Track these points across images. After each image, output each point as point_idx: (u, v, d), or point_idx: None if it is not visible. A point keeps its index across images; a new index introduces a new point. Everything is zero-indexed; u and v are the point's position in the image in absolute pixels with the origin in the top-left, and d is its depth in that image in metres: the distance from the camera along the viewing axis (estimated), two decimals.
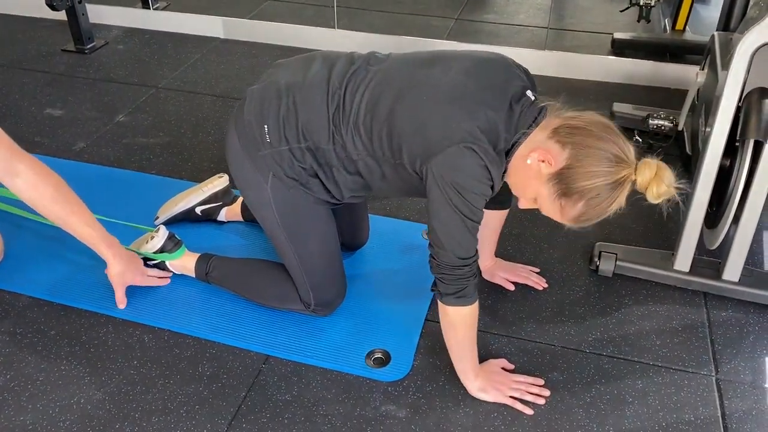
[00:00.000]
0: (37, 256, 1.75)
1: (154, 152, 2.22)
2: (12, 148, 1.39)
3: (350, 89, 1.32)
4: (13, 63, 2.80)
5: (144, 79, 2.68)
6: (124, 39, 3.02)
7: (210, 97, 2.56)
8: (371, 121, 1.30)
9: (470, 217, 1.24)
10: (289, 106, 1.36)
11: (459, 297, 1.30)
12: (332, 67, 1.36)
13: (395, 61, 1.37)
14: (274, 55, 2.87)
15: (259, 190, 1.43)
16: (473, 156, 1.20)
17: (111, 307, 1.60)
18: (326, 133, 1.34)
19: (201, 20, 3.06)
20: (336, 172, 1.40)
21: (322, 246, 1.52)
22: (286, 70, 1.43)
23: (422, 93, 1.27)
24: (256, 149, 1.39)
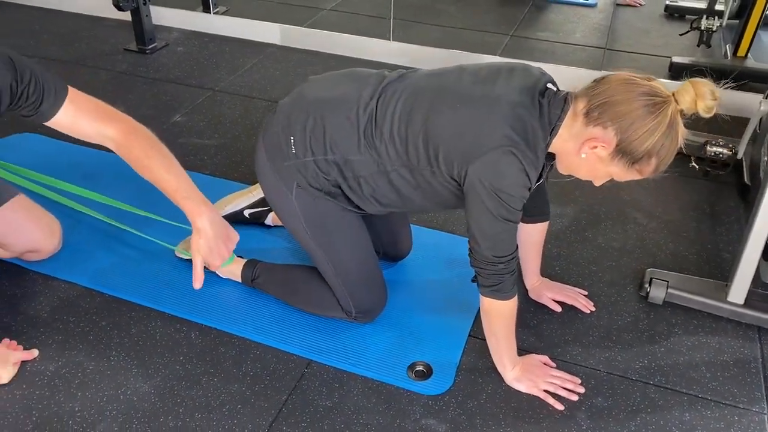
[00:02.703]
0: (93, 249, 1.81)
1: (208, 153, 2.27)
2: (97, 115, 1.41)
3: (383, 101, 1.35)
4: (78, 60, 2.90)
5: (201, 81, 2.74)
6: (184, 41, 3.10)
7: (264, 102, 2.60)
8: (406, 129, 1.32)
9: (508, 219, 1.26)
10: (316, 120, 1.39)
11: (495, 290, 1.34)
12: (363, 83, 1.40)
13: (424, 74, 1.40)
14: (328, 64, 2.90)
15: (285, 200, 1.46)
16: (513, 160, 1.22)
17: (161, 302, 1.64)
18: (356, 145, 1.37)
19: (259, 26, 3.12)
20: (364, 184, 1.41)
21: (355, 253, 1.53)
22: (316, 85, 1.47)
23: (455, 100, 1.30)
24: (281, 160, 1.43)
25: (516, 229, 1.31)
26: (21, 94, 1.31)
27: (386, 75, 1.42)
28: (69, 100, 1.37)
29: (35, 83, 1.32)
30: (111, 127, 1.40)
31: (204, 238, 1.39)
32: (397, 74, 1.42)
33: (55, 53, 2.95)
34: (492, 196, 1.24)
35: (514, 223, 1.29)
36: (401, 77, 1.40)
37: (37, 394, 1.41)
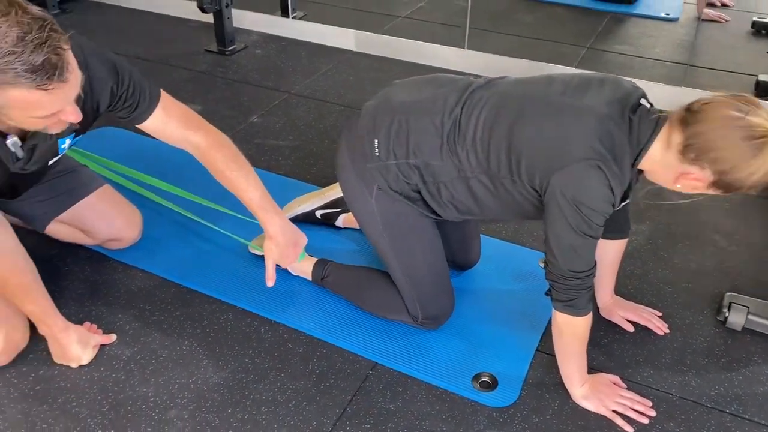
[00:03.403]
0: (171, 241, 1.87)
1: (283, 154, 2.32)
2: (186, 122, 1.53)
3: (467, 107, 1.35)
4: (162, 59, 3.02)
5: (278, 84, 2.81)
6: (262, 44, 3.18)
7: (338, 106, 2.64)
8: (490, 137, 1.31)
9: (588, 234, 1.24)
10: (401, 123, 1.40)
11: (569, 306, 1.32)
12: (449, 88, 1.40)
13: (512, 82, 1.39)
14: (402, 71, 2.92)
15: (364, 201, 1.47)
16: (598, 174, 1.20)
17: (233, 296, 1.69)
18: (438, 150, 1.36)
19: (335, 32, 3.17)
20: (443, 189, 1.41)
21: (428, 258, 1.53)
22: (402, 89, 1.47)
23: (542, 109, 1.29)
24: (363, 161, 1.44)
25: (595, 244, 1.28)
26: (120, 98, 1.40)
27: (473, 81, 1.42)
28: (161, 106, 1.47)
29: (133, 88, 1.41)
30: (198, 136, 1.51)
31: (275, 243, 1.53)
32: (484, 81, 1.41)
33: (141, 52, 3.07)
34: (573, 210, 1.22)
35: (594, 239, 1.26)
36: (488, 84, 1.39)
37: (113, 377, 1.47)
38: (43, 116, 1.15)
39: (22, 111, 1.13)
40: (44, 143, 1.38)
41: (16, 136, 1.32)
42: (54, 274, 1.73)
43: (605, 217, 1.25)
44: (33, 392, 1.43)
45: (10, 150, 1.33)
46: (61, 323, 1.47)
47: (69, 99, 1.16)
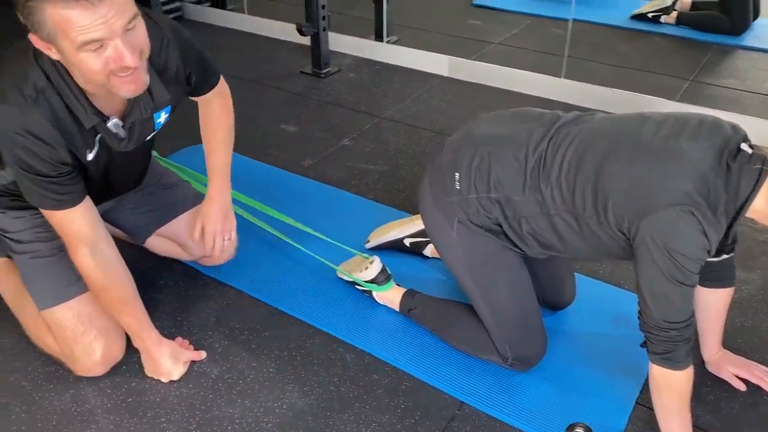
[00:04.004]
0: (262, 260, 1.89)
1: (373, 179, 2.31)
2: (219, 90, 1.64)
3: (554, 144, 1.30)
4: (259, 79, 3.10)
5: (370, 108, 2.82)
6: (355, 67, 3.22)
7: (428, 132, 2.62)
8: (575, 176, 1.26)
9: (683, 282, 1.16)
10: (483, 157, 1.37)
11: (666, 359, 1.23)
12: (535, 123, 1.36)
13: (602, 119, 1.33)
14: (495, 98, 2.88)
15: (446, 235, 1.44)
16: (691, 220, 1.13)
17: (320, 320, 1.68)
18: (521, 186, 1.33)
19: (427, 57, 3.17)
20: (524, 224, 1.36)
21: (514, 294, 1.47)
22: (486, 123, 1.45)
23: (633, 150, 1.22)
24: (444, 195, 1.42)
25: (692, 293, 1.19)
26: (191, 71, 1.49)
27: (560, 116, 1.37)
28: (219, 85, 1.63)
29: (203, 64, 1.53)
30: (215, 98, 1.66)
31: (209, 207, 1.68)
32: (573, 116, 1.36)
33: (239, 71, 3.17)
34: (665, 256, 1.15)
35: (690, 287, 1.18)
36: (576, 120, 1.34)
37: (201, 395, 1.49)
38: (89, 41, 1.10)
39: (66, 38, 1.10)
40: (141, 119, 1.38)
41: (116, 117, 1.35)
42: (149, 287, 1.78)
43: (700, 265, 1.17)
44: (125, 404, 1.46)
45: (112, 132, 1.35)
46: (155, 337, 1.50)
47: (113, 27, 1.10)
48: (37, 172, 1.28)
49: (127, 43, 1.14)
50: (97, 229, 1.41)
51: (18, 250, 1.51)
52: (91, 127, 1.32)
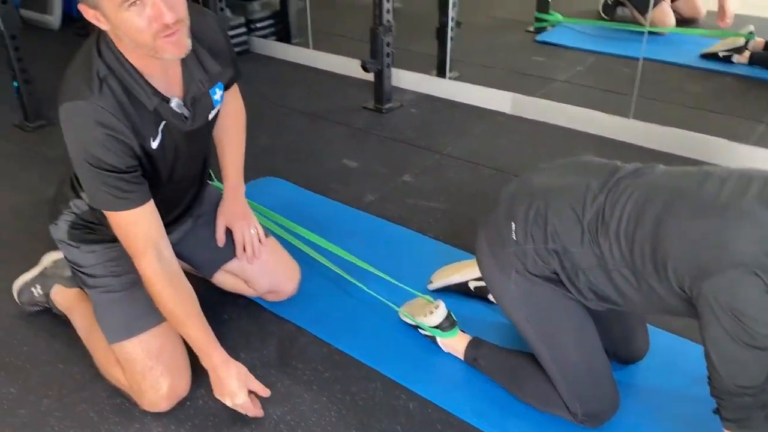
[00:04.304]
0: (324, 297, 1.88)
1: (434, 216, 2.29)
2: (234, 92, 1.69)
3: (612, 196, 1.28)
4: (322, 114, 3.13)
5: (430, 144, 2.81)
6: (417, 103, 3.23)
7: (491, 170, 2.59)
8: (634, 232, 1.23)
9: (752, 345, 1.11)
10: (539, 208, 1.35)
11: (741, 427, 1.18)
12: (593, 174, 1.35)
13: (663, 173, 1.30)
14: (559, 136, 2.84)
15: (504, 285, 1.43)
16: (757, 282, 1.08)
17: (382, 363, 1.65)
18: (578, 238, 1.30)
19: (489, 93, 3.15)
20: (582, 276, 1.33)
21: (579, 346, 1.42)
22: (543, 173, 1.44)
23: (695, 206, 1.19)
24: (501, 246, 1.41)
25: (764, 357, 1.13)
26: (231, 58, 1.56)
27: (619, 167, 1.34)
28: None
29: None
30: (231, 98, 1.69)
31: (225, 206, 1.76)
32: (632, 168, 1.33)
33: (302, 105, 3.22)
34: (731, 319, 1.10)
35: (761, 350, 1.11)
36: (636, 172, 1.32)
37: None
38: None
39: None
40: (200, 94, 1.43)
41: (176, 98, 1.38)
42: (213, 321, 1.75)
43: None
44: None
45: (177, 112, 1.39)
46: (222, 356, 1.45)
47: None
48: (107, 167, 1.30)
49: (165, 2, 1.19)
50: (162, 234, 1.41)
51: (90, 284, 1.54)
52: (155, 114, 1.35)
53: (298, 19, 3.99)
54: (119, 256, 1.52)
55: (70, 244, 1.56)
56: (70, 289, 1.72)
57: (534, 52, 3.84)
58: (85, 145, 1.29)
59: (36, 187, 2.47)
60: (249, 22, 3.89)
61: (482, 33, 4.15)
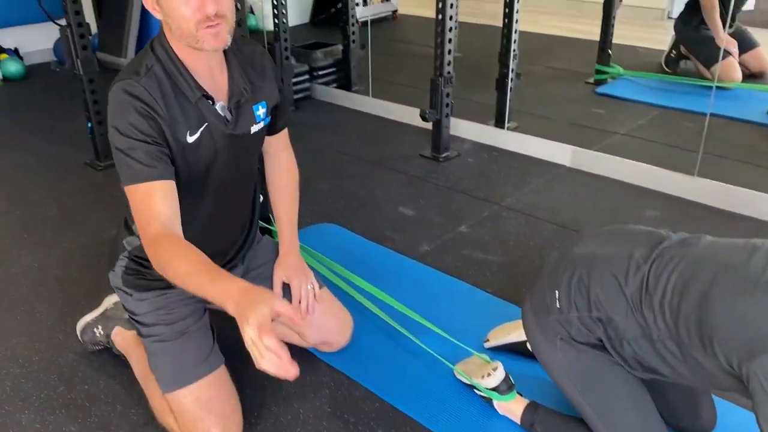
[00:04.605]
0: (378, 350, 1.87)
1: (491, 269, 2.26)
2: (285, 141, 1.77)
3: (657, 267, 1.27)
4: (380, 161, 3.17)
5: (488, 195, 2.80)
6: (474, 153, 3.23)
7: (550, 224, 2.55)
8: (679, 304, 1.21)
9: None
10: (582, 275, 1.36)
11: None
12: (637, 242, 1.34)
13: (709, 244, 1.28)
14: (620, 192, 2.78)
15: (550, 354, 1.42)
16: None
17: (435, 422, 1.62)
18: (622, 307, 1.29)
19: (548, 146, 3.13)
20: (627, 347, 1.31)
21: (633, 415, 1.37)
22: (587, 240, 1.44)
23: (741, 282, 1.16)
24: (545, 313, 1.41)
25: None
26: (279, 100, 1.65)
27: (664, 237, 1.33)
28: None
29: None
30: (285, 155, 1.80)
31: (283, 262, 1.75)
32: (678, 238, 1.31)
33: (361, 151, 3.26)
34: None
35: None
36: (682, 243, 1.30)
37: None
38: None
39: None
40: (243, 100, 1.49)
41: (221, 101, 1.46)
42: None
43: None
44: None
45: (219, 113, 1.45)
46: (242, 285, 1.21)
47: None
48: (134, 135, 1.32)
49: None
50: (176, 216, 1.35)
51: (143, 333, 1.58)
52: (197, 110, 1.41)
53: (359, 67, 4.09)
54: (169, 304, 1.56)
55: (125, 291, 1.60)
56: (129, 331, 1.75)
57: (594, 104, 3.81)
58: (119, 113, 1.35)
59: (103, 226, 2.56)
60: (312, 70, 4.00)
61: (541, 84, 4.16)
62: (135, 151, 1.33)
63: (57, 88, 4.33)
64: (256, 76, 1.53)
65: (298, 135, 3.61)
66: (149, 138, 1.34)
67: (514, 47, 3.23)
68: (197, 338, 1.56)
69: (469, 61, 4.42)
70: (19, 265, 2.33)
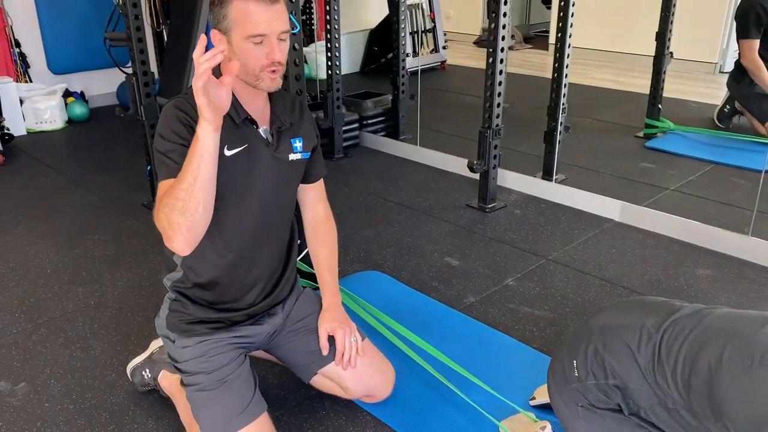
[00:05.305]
0: (421, 402, 1.86)
1: (538, 325, 2.24)
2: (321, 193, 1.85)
3: (668, 337, 1.30)
4: (425, 209, 3.20)
5: (535, 248, 2.79)
6: (521, 204, 3.23)
7: (598, 280, 2.52)
8: (689, 375, 1.24)
9: None
10: (597, 345, 1.40)
11: None
12: (649, 312, 1.38)
13: (721, 315, 1.31)
14: (670, 249, 2.74)
15: (574, 423, 1.46)
16: None
17: None
18: (637, 375, 1.33)
19: (597, 200, 3.11)
20: (644, 415, 1.32)
21: None
22: (604, 313, 1.50)
23: (748, 353, 1.18)
24: (565, 383, 1.46)
25: None
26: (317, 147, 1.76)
27: (678, 307, 1.35)
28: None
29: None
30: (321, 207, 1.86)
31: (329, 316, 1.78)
32: (692, 309, 1.34)
33: (407, 200, 3.30)
34: None
35: None
36: (695, 314, 1.32)
37: None
38: (255, 35, 1.43)
39: (238, 27, 1.43)
40: (283, 130, 1.62)
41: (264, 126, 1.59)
42: (311, 418, 1.80)
43: None
44: None
45: (262, 136, 1.58)
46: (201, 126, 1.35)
47: (275, 27, 1.45)
48: (172, 138, 1.45)
49: (278, 46, 1.47)
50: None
51: (185, 382, 1.61)
52: (240, 131, 1.53)
53: (407, 116, 4.16)
54: (209, 351, 1.59)
55: (169, 338, 1.65)
56: (174, 375, 1.79)
57: (643, 159, 3.78)
58: (164, 123, 1.48)
59: (157, 266, 2.63)
60: (362, 119, 4.10)
61: (590, 137, 4.16)
62: (173, 153, 1.45)
63: (119, 131, 4.53)
64: (294, 116, 1.68)
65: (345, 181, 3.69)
66: (187, 142, 1.42)
67: (563, 100, 3.26)
68: (238, 386, 1.58)
69: (516, 112, 4.46)
70: (77, 303, 2.41)
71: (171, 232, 1.37)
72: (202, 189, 1.36)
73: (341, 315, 1.77)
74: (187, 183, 1.35)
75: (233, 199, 1.55)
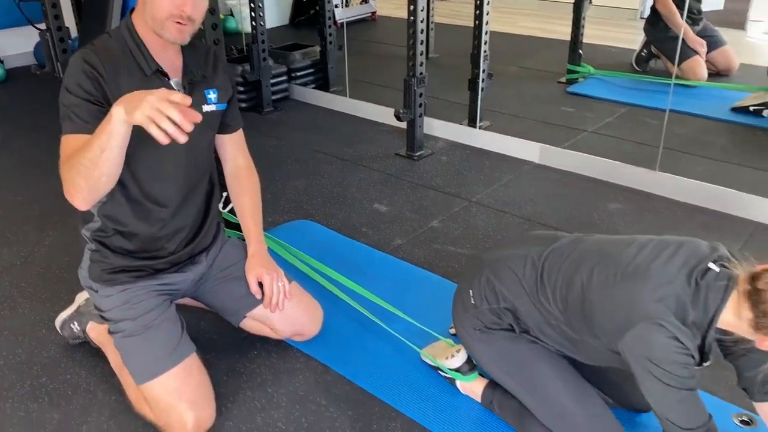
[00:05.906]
0: (349, 337, 1.96)
1: (459, 262, 2.36)
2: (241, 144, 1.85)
3: (549, 262, 1.46)
4: (355, 159, 3.26)
5: (459, 191, 2.90)
6: (447, 151, 3.33)
7: (517, 218, 2.66)
8: (566, 294, 1.40)
9: (678, 386, 1.24)
10: (489, 275, 1.56)
11: None
12: (535, 242, 1.55)
13: (595, 241, 1.48)
14: (585, 187, 2.89)
15: (474, 347, 1.60)
16: (661, 330, 1.23)
17: (402, 403, 1.71)
18: (523, 298, 1.49)
19: (517, 143, 3.24)
20: (534, 333, 1.51)
21: (561, 386, 1.49)
22: (495, 247, 1.74)
23: (612, 270, 1.35)
24: (464, 311, 1.60)
25: (695, 396, 1.27)
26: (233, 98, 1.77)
27: (559, 237, 1.54)
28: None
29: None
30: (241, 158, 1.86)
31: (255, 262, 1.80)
32: (571, 237, 1.52)
33: (337, 151, 3.35)
34: (651, 366, 1.24)
35: (687, 390, 1.25)
36: (573, 241, 1.50)
37: None
38: None
39: None
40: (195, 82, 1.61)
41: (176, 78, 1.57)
42: (243, 358, 1.88)
43: (687, 368, 1.24)
44: None
45: (174, 89, 1.54)
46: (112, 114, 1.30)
47: None
48: (77, 92, 1.43)
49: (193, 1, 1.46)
50: None
51: (111, 330, 1.65)
52: (150, 85, 1.47)
53: (336, 68, 4.17)
54: (132, 298, 1.63)
55: (92, 288, 1.68)
56: (102, 325, 1.81)
57: (564, 103, 3.93)
58: (70, 75, 1.46)
59: None
60: (290, 71, 4.08)
61: (514, 83, 4.27)
62: (77, 107, 1.44)
63: (37, 91, 4.38)
64: (208, 68, 1.66)
65: (275, 134, 3.70)
66: (92, 97, 1.44)
67: (485, 48, 3.34)
68: (164, 330, 1.62)
69: (446, 61, 4.53)
70: (2, 263, 2.39)
71: (72, 191, 1.38)
72: (107, 162, 1.33)
73: (267, 261, 1.82)
74: (92, 153, 1.32)
75: (147, 150, 1.52)
